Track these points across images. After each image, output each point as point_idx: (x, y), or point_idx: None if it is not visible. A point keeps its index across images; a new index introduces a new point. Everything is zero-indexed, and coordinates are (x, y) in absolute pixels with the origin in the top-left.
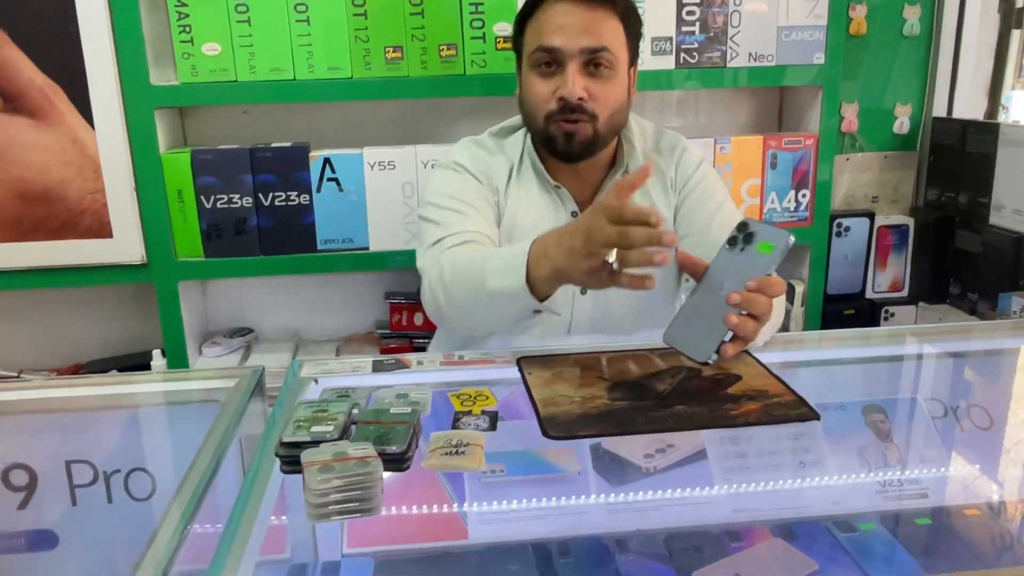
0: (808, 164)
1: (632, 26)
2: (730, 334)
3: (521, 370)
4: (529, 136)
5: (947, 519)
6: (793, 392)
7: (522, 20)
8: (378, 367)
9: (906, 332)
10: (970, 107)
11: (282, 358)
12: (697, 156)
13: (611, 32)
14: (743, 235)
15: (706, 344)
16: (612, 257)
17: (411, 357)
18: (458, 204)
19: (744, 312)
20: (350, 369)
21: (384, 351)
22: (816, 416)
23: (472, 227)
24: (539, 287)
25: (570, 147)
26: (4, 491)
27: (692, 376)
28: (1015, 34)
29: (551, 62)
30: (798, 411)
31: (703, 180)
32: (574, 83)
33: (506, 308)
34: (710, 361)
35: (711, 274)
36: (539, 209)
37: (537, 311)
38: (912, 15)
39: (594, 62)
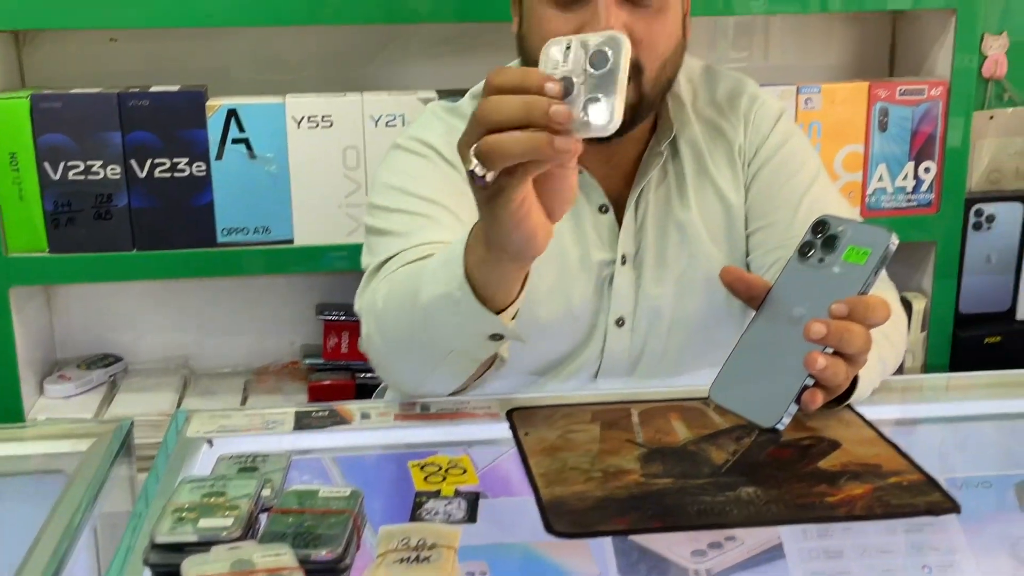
0: (934, 124)
1: None
2: (811, 381)
3: (514, 428)
4: None
5: None
6: (918, 468)
7: None
8: (303, 422)
9: None
10: None
11: (163, 400)
12: (775, 108)
13: None
14: (821, 239)
15: (774, 402)
16: (474, 163)
17: (352, 406)
18: (422, 205)
19: (831, 350)
20: (261, 425)
21: (314, 391)
22: (955, 508)
23: (444, 236)
24: (485, 285)
25: None
26: None
27: (767, 442)
28: None
29: None
30: (926, 498)
31: (785, 143)
32: (608, 17)
33: (449, 333)
34: (779, 426)
35: (777, 297)
36: None
37: (496, 336)
38: None
39: None
